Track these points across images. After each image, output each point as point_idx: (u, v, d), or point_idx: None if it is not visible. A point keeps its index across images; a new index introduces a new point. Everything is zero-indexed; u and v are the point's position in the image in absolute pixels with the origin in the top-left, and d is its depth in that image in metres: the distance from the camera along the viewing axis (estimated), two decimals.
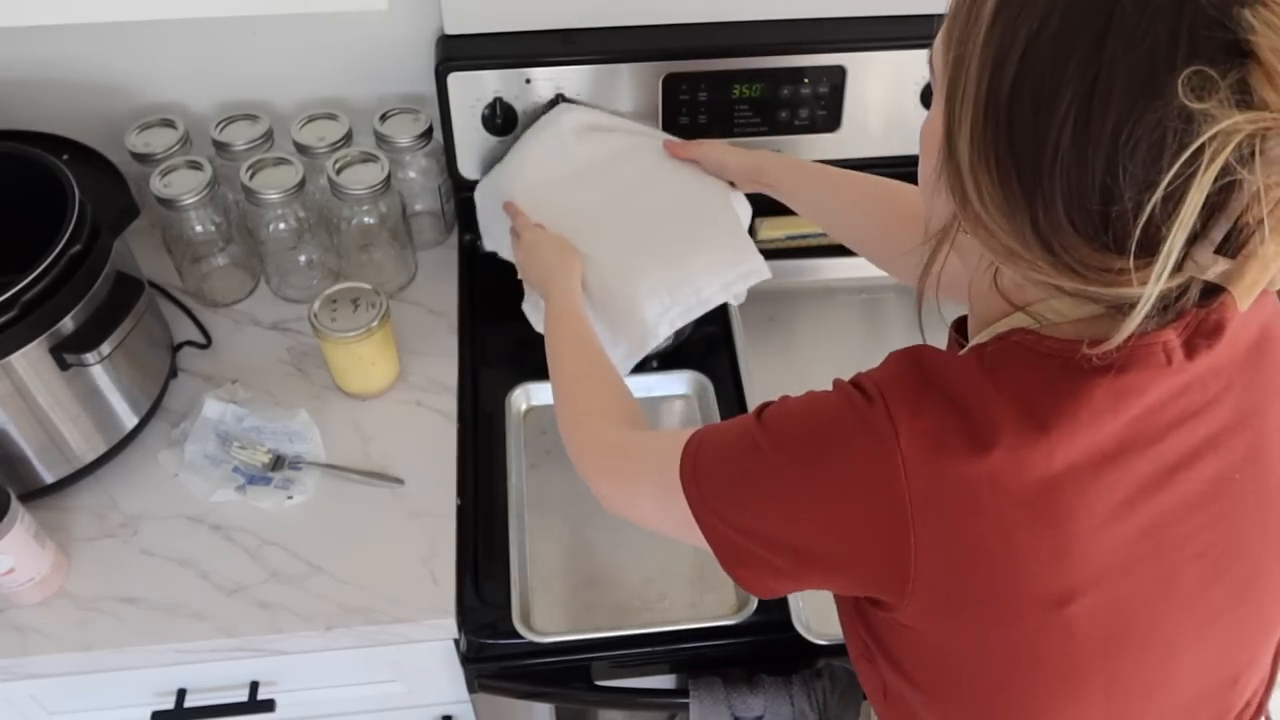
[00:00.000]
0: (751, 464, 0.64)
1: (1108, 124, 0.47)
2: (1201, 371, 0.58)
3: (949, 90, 0.54)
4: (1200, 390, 0.58)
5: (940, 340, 0.67)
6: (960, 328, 0.69)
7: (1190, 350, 0.57)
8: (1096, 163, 0.48)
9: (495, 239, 1.14)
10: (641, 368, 1.03)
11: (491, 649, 0.93)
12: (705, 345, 1.17)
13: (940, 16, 0.58)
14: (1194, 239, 0.48)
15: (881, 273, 1.26)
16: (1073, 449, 0.55)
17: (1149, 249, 0.48)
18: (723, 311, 1.18)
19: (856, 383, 0.62)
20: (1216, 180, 0.45)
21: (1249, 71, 0.45)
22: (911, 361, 0.61)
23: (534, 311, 1.05)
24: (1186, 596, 0.60)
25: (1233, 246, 0.48)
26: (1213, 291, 0.52)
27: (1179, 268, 0.49)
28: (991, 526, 0.56)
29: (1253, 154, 0.45)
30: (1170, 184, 0.46)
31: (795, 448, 0.62)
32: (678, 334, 1.09)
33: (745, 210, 1.08)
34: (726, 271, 1.02)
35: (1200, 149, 0.45)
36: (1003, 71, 0.50)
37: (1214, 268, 0.49)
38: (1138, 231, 0.47)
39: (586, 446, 0.82)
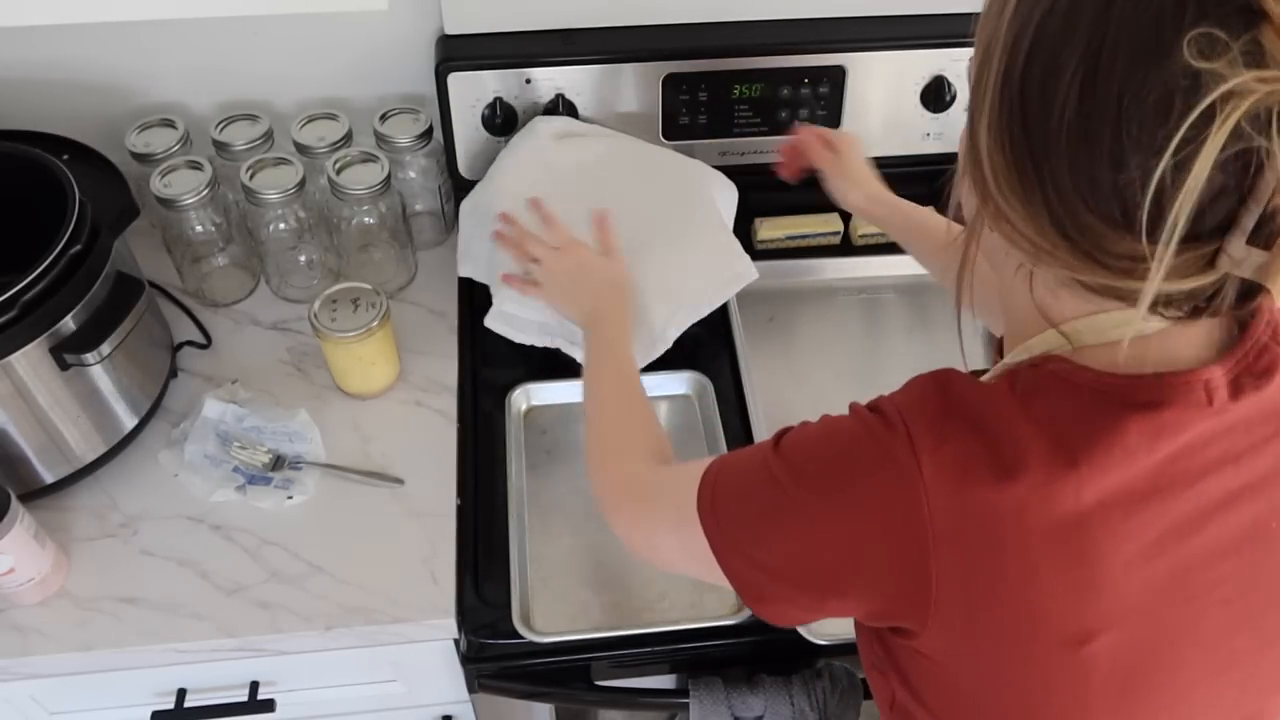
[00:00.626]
0: (770, 497, 0.63)
1: (1112, 89, 0.47)
2: (1249, 414, 0.56)
3: (974, 81, 0.54)
4: (1245, 433, 0.56)
5: (974, 345, 0.66)
6: (1002, 348, 0.68)
7: (1236, 390, 0.55)
8: (1103, 131, 0.47)
9: (473, 262, 1.12)
10: None
11: (491, 649, 0.93)
12: (705, 345, 1.17)
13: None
14: (1226, 229, 0.47)
15: (882, 273, 1.27)
16: (1104, 485, 0.54)
17: (1162, 228, 0.46)
18: (723, 311, 1.18)
19: (876, 407, 0.61)
20: (1228, 148, 0.44)
21: (1261, 31, 0.44)
22: (936, 386, 0.59)
23: (502, 324, 1.05)
24: (1209, 641, 0.59)
25: (1264, 236, 0.47)
26: (1251, 293, 0.51)
27: (1211, 263, 0.48)
28: (1015, 561, 0.55)
29: (1269, 120, 0.44)
30: (1179, 150, 0.45)
31: (814, 480, 0.61)
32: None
33: (731, 195, 1.09)
34: (720, 273, 1.04)
35: (1210, 112, 0.44)
36: (1017, 51, 0.50)
37: (1248, 261, 0.47)
38: (1148, 202, 0.46)
39: (608, 483, 0.82)
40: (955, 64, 1.15)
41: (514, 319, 1.05)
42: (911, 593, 0.58)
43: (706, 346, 1.17)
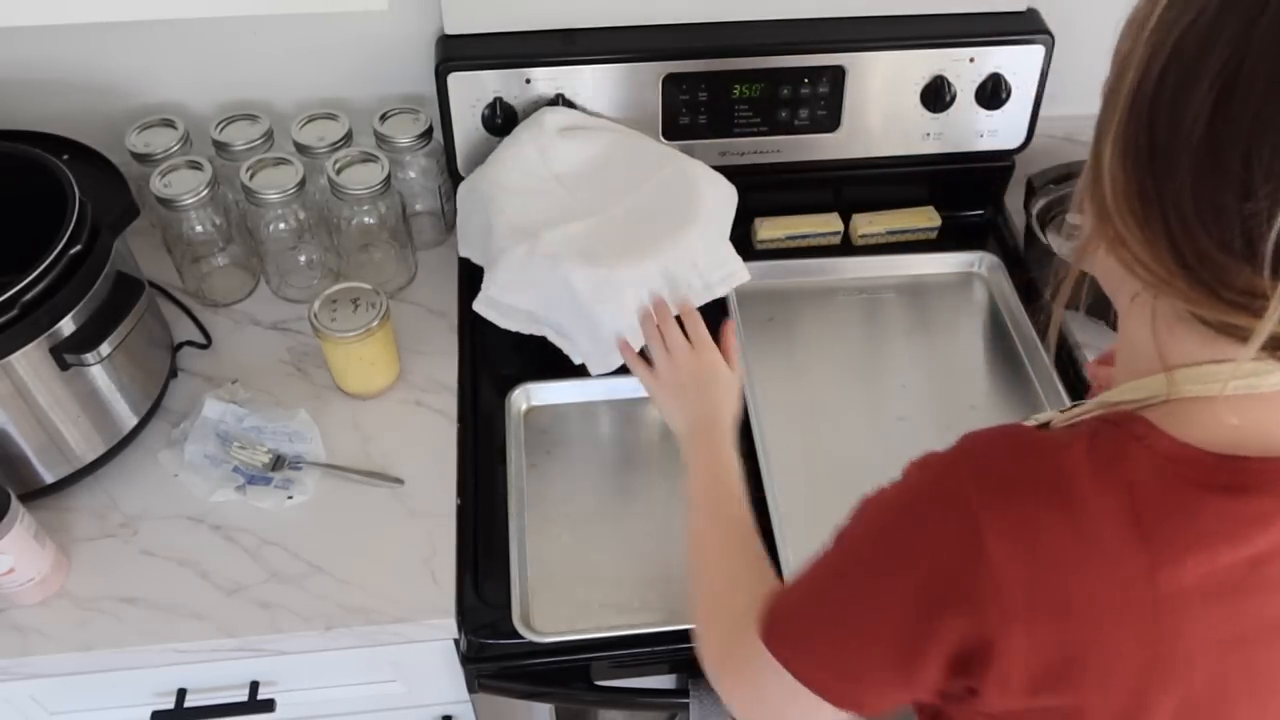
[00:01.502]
0: (836, 594, 0.60)
1: (1248, 109, 0.43)
2: None
3: (1106, 98, 0.51)
4: None
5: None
6: None
7: None
8: (1232, 154, 0.44)
9: (469, 243, 1.13)
10: (623, 368, 1.03)
11: (491, 649, 0.93)
12: None
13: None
14: None
15: (882, 273, 1.27)
16: (1182, 573, 0.51)
17: None
18: (723, 311, 1.18)
19: (928, 466, 0.57)
20: None
21: None
22: (1007, 444, 0.56)
23: (489, 310, 1.05)
24: None
25: None
26: None
27: None
28: (1083, 633, 0.53)
29: None
30: None
31: (875, 558, 0.58)
32: None
33: (731, 197, 1.10)
34: (710, 273, 1.04)
35: None
36: (1153, 65, 0.48)
37: None
38: (1274, 235, 0.43)
39: (717, 648, 0.74)
40: (955, 64, 1.15)
41: (501, 305, 1.05)
42: (984, 655, 0.55)
43: None
